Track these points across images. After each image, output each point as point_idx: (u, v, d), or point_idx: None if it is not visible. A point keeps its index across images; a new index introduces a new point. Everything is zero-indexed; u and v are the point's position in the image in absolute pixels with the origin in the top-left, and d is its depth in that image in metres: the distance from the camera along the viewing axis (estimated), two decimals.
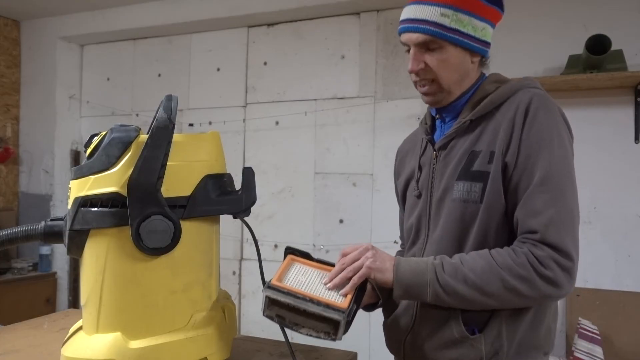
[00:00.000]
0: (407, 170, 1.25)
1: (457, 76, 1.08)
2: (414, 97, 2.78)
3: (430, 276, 0.97)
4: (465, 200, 1.03)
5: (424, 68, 1.07)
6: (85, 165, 0.82)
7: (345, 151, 2.94)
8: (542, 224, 0.95)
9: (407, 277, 0.98)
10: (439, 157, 1.12)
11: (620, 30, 2.32)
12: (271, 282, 0.92)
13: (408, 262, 1.01)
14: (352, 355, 1.08)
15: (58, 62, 3.66)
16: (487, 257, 0.97)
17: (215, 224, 0.92)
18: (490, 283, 0.95)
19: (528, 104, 1.02)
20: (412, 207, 1.19)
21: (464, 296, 0.96)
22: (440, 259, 1.00)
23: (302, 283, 0.95)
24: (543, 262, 0.93)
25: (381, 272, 0.99)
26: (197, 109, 3.36)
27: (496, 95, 1.07)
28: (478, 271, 0.96)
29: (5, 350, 1.02)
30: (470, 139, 1.07)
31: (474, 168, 1.04)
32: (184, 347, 0.84)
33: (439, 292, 0.97)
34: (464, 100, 1.11)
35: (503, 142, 1.01)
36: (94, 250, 0.82)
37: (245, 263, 3.18)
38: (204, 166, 0.86)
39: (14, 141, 3.73)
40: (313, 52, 3.04)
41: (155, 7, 3.30)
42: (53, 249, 3.58)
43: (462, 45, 1.05)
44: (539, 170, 0.97)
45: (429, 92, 1.10)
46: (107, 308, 0.82)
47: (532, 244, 0.95)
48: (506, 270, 0.95)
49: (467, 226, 1.03)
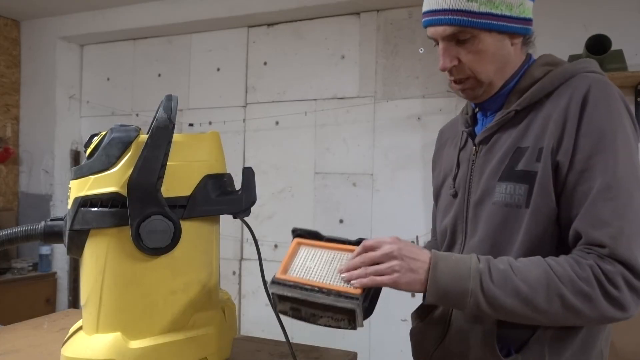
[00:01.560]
0: (445, 163, 1.12)
1: (496, 66, 0.94)
2: (414, 97, 2.78)
3: (474, 284, 0.82)
4: (507, 204, 0.90)
5: (457, 65, 0.93)
6: (85, 165, 0.82)
7: (345, 151, 2.94)
8: (611, 236, 0.80)
9: (444, 282, 0.83)
10: (479, 152, 0.99)
11: (620, 30, 2.32)
12: (276, 276, 0.87)
13: (447, 262, 0.85)
14: (352, 355, 1.07)
15: (58, 62, 3.66)
16: (543, 265, 0.83)
17: (215, 224, 0.92)
18: (546, 299, 0.80)
19: (586, 93, 0.86)
20: (447, 207, 1.06)
21: (511, 311, 0.82)
22: (487, 263, 0.84)
23: (310, 269, 0.87)
24: (612, 279, 0.79)
25: (410, 284, 0.84)
26: (197, 109, 3.36)
27: (546, 81, 0.92)
28: (532, 283, 0.81)
29: (5, 350, 1.02)
30: (516, 133, 0.93)
31: (518, 167, 0.90)
32: (184, 347, 0.83)
33: (482, 303, 0.82)
34: (508, 90, 0.97)
35: (553, 137, 0.87)
36: (94, 250, 0.82)
37: (245, 263, 3.18)
38: (204, 166, 0.86)
39: (14, 141, 3.73)
40: (313, 52, 3.04)
41: (155, 7, 3.30)
42: (53, 249, 3.58)
43: (497, 30, 0.90)
44: (603, 173, 0.83)
45: (466, 88, 0.96)
46: (107, 308, 0.82)
47: (599, 256, 0.81)
48: (567, 284, 0.80)
49: (511, 234, 0.90)
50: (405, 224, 2.76)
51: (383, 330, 2.71)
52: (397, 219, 2.80)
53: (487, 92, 0.97)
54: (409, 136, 2.79)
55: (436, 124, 2.73)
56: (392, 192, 2.83)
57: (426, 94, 2.75)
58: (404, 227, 2.74)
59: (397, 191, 2.82)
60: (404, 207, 2.79)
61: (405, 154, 2.80)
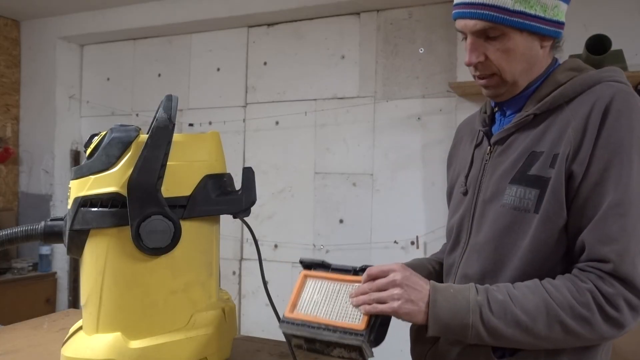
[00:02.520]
0: (460, 160, 1.10)
1: (523, 66, 0.92)
2: (414, 97, 2.78)
3: (474, 318, 0.82)
4: (516, 207, 0.88)
5: (483, 61, 0.92)
6: (85, 165, 0.82)
7: (345, 151, 2.94)
8: (617, 252, 0.80)
9: (445, 317, 0.83)
10: (494, 152, 0.97)
11: (620, 30, 2.32)
12: (285, 314, 0.89)
13: (445, 296, 0.84)
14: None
15: (58, 62, 3.66)
16: (541, 292, 0.82)
17: (215, 224, 0.92)
18: (547, 326, 0.81)
19: (609, 102, 0.84)
20: (457, 205, 1.05)
21: (514, 340, 0.83)
22: (485, 294, 0.84)
23: (318, 303, 0.90)
24: (612, 301, 0.80)
25: (410, 315, 0.84)
26: (197, 109, 3.36)
27: (569, 87, 0.90)
28: (531, 311, 0.81)
29: (5, 350, 1.02)
30: (532, 136, 0.91)
31: (531, 172, 0.88)
32: (184, 347, 0.83)
33: (483, 335, 0.82)
34: (530, 92, 0.95)
35: (570, 145, 0.84)
36: (94, 250, 0.82)
37: (245, 263, 3.18)
38: (204, 166, 0.86)
39: (14, 141, 3.73)
40: (313, 52, 3.04)
41: (155, 7, 3.30)
42: (53, 249, 3.58)
43: (529, 30, 0.88)
44: (616, 188, 0.81)
45: (490, 84, 0.95)
46: (107, 308, 0.82)
47: (599, 276, 0.81)
48: (567, 311, 0.80)
49: (517, 238, 0.89)
50: (405, 224, 2.76)
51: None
52: (397, 219, 2.80)
53: (510, 91, 0.95)
54: (409, 136, 2.79)
55: (436, 124, 2.73)
56: (392, 192, 2.83)
57: (426, 94, 2.75)
58: (404, 227, 2.74)
59: (397, 191, 2.82)
60: (404, 207, 2.79)
61: (405, 154, 2.80)
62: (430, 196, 2.73)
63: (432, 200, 2.72)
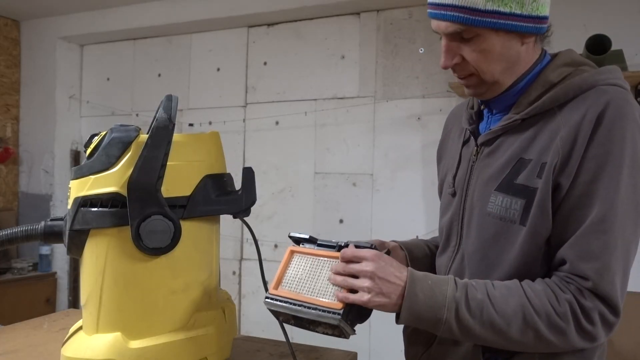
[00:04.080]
0: (448, 155, 1.07)
1: (503, 66, 0.87)
2: (414, 97, 2.78)
3: (448, 315, 0.80)
4: (502, 217, 0.86)
5: (459, 63, 0.88)
6: (85, 165, 0.82)
7: (345, 151, 2.94)
8: (596, 271, 0.78)
9: (419, 309, 0.81)
10: (481, 153, 0.93)
11: (620, 30, 2.32)
12: (269, 291, 0.89)
13: (423, 288, 0.82)
14: (352, 355, 1.08)
15: (58, 62, 3.66)
16: (520, 296, 0.80)
17: (215, 224, 0.92)
18: (520, 331, 0.79)
19: (601, 111, 0.80)
20: (446, 205, 1.02)
21: (484, 340, 0.82)
22: (464, 290, 0.82)
23: (302, 280, 0.89)
24: (588, 315, 0.78)
25: (381, 307, 0.82)
26: (197, 109, 3.36)
27: (561, 91, 0.84)
28: (508, 315, 0.79)
29: (5, 350, 1.02)
30: (521, 141, 0.87)
31: (518, 180, 0.85)
32: (184, 347, 0.83)
33: (454, 331, 0.81)
34: (518, 89, 0.90)
35: (558, 155, 0.81)
36: (94, 250, 0.82)
37: (245, 263, 3.18)
38: (204, 166, 0.86)
39: (14, 141, 3.73)
40: (313, 52, 3.04)
41: (155, 7, 3.30)
42: (53, 249, 3.58)
43: (505, 29, 0.83)
44: (601, 203, 0.78)
45: (469, 84, 0.91)
46: (107, 308, 0.82)
47: (579, 289, 0.79)
48: (543, 318, 0.79)
49: (503, 250, 0.87)
50: (405, 224, 2.76)
51: (383, 330, 2.71)
52: (397, 219, 2.80)
53: (492, 90, 0.90)
54: (409, 136, 2.79)
55: (436, 124, 2.73)
56: (392, 192, 2.83)
57: (426, 94, 2.75)
58: (404, 227, 2.74)
59: (397, 191, 2.82)
60: (404, 207, 2.79)
61: (405, 154, 2.80)
62: (430, 196, 2.73)
63: (432, 200, 2.72)
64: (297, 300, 0.85)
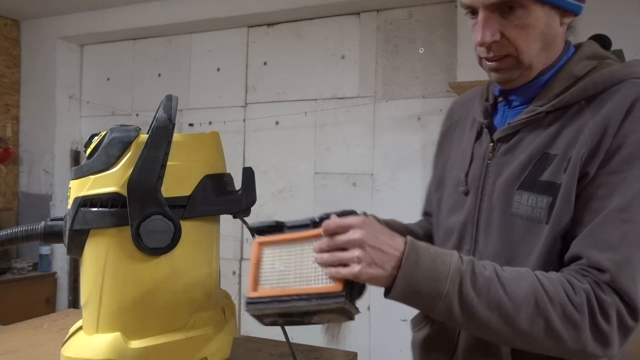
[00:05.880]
0: (456, 150, 0.98)
1: (541, 46, 0.80)
2: (414, 97, 2.78)
3: (450, 287, 0.70)
4: (529, 218, 0.79)
5: (498, 40, 0.79)
6: (85, 165, 0.82)
7: (345, 151, 2.94)
8: (616, 262, 0.71)
9: (418, 280, 0.71)
10: (497, 150, 0.86)
11: (620, 30, 2.32)
12: (248, 295, 0.78)
13: (424, 256, 0.72)
14: (352, 355, 1.07)
15: (58, 62, 3.66)
16: (534, 281, 0.72)
17: (215, 224, 0.92)
18: (530, 318, 0.70)
19: (633, 102, 0.75)
20: (456, 204, 0.93)
21: (486, 325, 0.71)
22: (471, 265, 0.72)
23: (283, 271, 0.78)
24: (605, 311, 0.70)
25: (374, 279, 0.72)
26: (197, 109, 3.36)
27: (589, 84, 0.79)
28: (519, 298, 0.70)
29: (5, 350, 1.02)
30: (544, 136, 0.80)
31: (543, 177, 0.78)
32: (184, 347, 0.83)
33: (454, 309, 0.71)
34: (544, 81, 0.84)
35: (586, 146, 0.75)
36: (94, 250, 0.82)
37: (245, 263, 3.18)
38: (204, 166, 0.86)
39: (14, 141, 3.73)
40: (313, 52, 3.04)
41: (155, 7, 3.30)
42: (53, 249, 3.58)
43: (550, 3, 0.77)
44: (623, 192, 0.72)
45: (502, 67, 0.82)
46: (107, 308, 0.82)
47: (596, 282, 0.72)
48: (557, 307, 0.70)
49: (529, 251, 0.79)
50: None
51: (383, 330, 2.71)
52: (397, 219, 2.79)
53: (524, 76, 0.83)
54: (409, 136, 2.79)
55: (436, 124, 2.72)
56: (392, 192, 2.83)
57: (426, 94, 2.75)
58: None
59: (397, 191, 2.82)
60: (404, 207, 2.79)
61: (405, 154, 2.80)
62: None
63: None
64: (286, 295, 0.75)
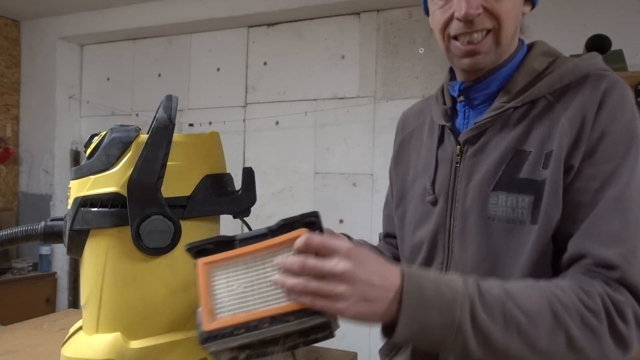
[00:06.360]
0: (415, 160, 0.95)
1: (514, 28, 0.79)
2: (414, 97, 2.78)
3: (462, 316, 0.61)
4: (509, 219, 0.75)
5: (480, 14, 0.76)
6: (85, 165, 0.82)
7: (345, 151, 2.94)
8: (623, 256, 0.67)
9: (426, 310, 0.61)
10: (465, 153, 0.83)
11: (620, 30, 2.32)
12: (204, 329, 0.64)
13: (427, 284, 0.62)
14: (352, 355, 1.08)
15: (58, 62, 3.66)
16: (544, 290, 0.65)
17: (216, 224, 0.92)
18: (550, 335, 0.63)
19: (604, 92, 0.74)
20: (423, 216, 0.88)
21: (504, 351, 0.63)
22: (476, 286, 0.64)
23: (243, 296, 0.63)
24: (622, 312, 0.65)
25: (362, 317, 0.61)
26: (197, 109, 3.36)
27: (555, 77, 0.78)
28: (533, 313, 0.63)
29: (5, 350, 1.02)
30: (514, 133, 0.78)
31: (521, 175, 0.75)
32: (184, 347, 0.83)
33: (469, 340, 0.61)
34: (504, 75, 0.82)
35: (567, 136, 0.72)
36: (94, 250, 0.82)
37: None
38: (204, 166, 0.86)
39: (14, 141, 3.73)
40: (313, 52, 3.04)
41: (155, 7, 3.30)
42: (53, 249, 3.58)
43: None
44: (618, 182, 0.70)
45: (481, 48, 0.78)
46: (107, 308, 0.82)
47: (606, 282, 0.67)
48: (575, 317, 0.64)
49: (515, 255, 0.75)
50: None
51: None
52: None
53: (495, 61, 0.81)
54: None
55: None
56: None
57: (426, 94, 2.75)
58: None
59: None
60: None
61: None
62: None
63: None
64: (255, 319, 0.61)
